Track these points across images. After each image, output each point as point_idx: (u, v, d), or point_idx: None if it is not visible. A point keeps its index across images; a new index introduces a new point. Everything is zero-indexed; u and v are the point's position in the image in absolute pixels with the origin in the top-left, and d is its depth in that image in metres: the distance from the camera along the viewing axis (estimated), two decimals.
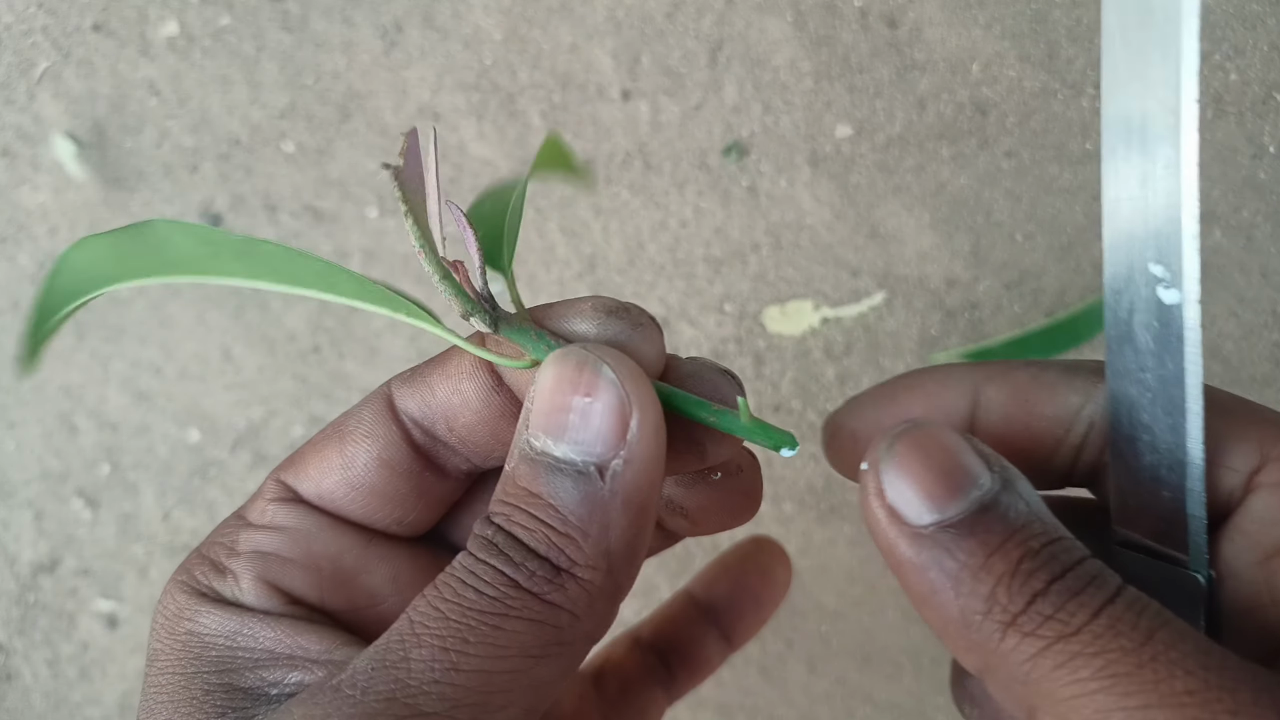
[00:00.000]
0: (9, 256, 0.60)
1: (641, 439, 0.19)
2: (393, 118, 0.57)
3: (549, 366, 0.19)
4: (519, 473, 0.19)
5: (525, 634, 0.17)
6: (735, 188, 0.55)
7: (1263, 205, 0.51)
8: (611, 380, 0.19)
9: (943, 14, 0.53)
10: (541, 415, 0.19)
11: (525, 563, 0.18)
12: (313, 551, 0.22)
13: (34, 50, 0.58)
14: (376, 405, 0.22)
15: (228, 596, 0.21)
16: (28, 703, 0.63)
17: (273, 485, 0.23)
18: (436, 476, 0.23)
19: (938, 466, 0.19)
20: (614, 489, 0.18)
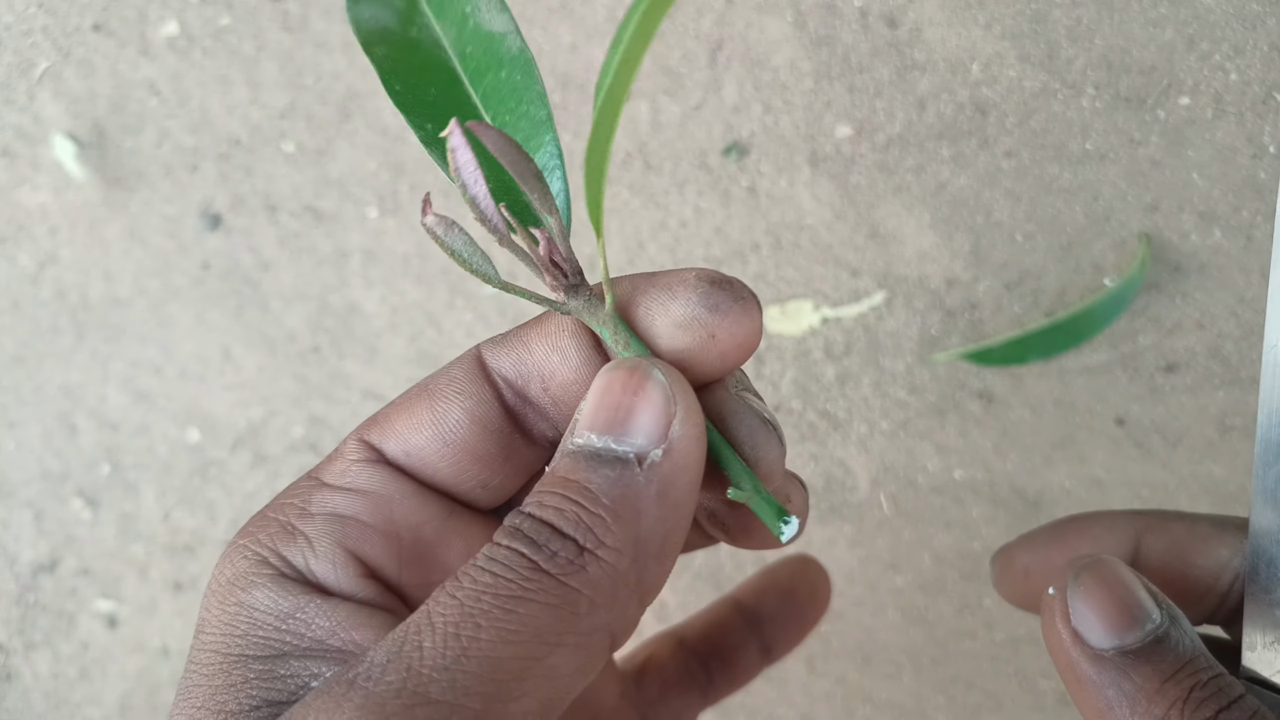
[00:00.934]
0: (9, 256, 0.60)
1: (683, 435, 0.19)
2: (393, 118, 0.57)
3: (602, 375, 0.20)
4: (559, 465, 0.19)
5: (540, 618, 0.17)
6: (735, 188, 0.55)
7: (1263, 205, 0.51)
8: (660, 381, 0.19)
9: (943, 14, 0.53)
10: (589, 416, 0.19)
11: (548, 543, 0.18)
12: (395, 519, 0.21)
13: (34, 50, 0.58)
14: (467, 364, 0.22)
15: (297, 563, 0.20)
16: (28, 703, 0.63)
17: (354, 445, 0.22)
18: (524, 440, 0.23)
19: (1118, 599, 0.22)
20: (650, 477, 0.18)
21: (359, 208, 0.57)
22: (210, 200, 0.58)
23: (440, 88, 0.21)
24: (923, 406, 0.55)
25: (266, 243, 0.58)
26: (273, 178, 0.58)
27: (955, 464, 0.55)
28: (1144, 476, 0.54)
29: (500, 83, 0.21)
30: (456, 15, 0.21)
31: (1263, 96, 0.51)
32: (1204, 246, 0.52)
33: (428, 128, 0.21)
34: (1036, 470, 0.55)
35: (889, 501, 0.55)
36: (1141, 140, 0.52)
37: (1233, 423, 0.53)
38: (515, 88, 0.21)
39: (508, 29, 0.21)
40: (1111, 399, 0.54)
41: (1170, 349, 0.53)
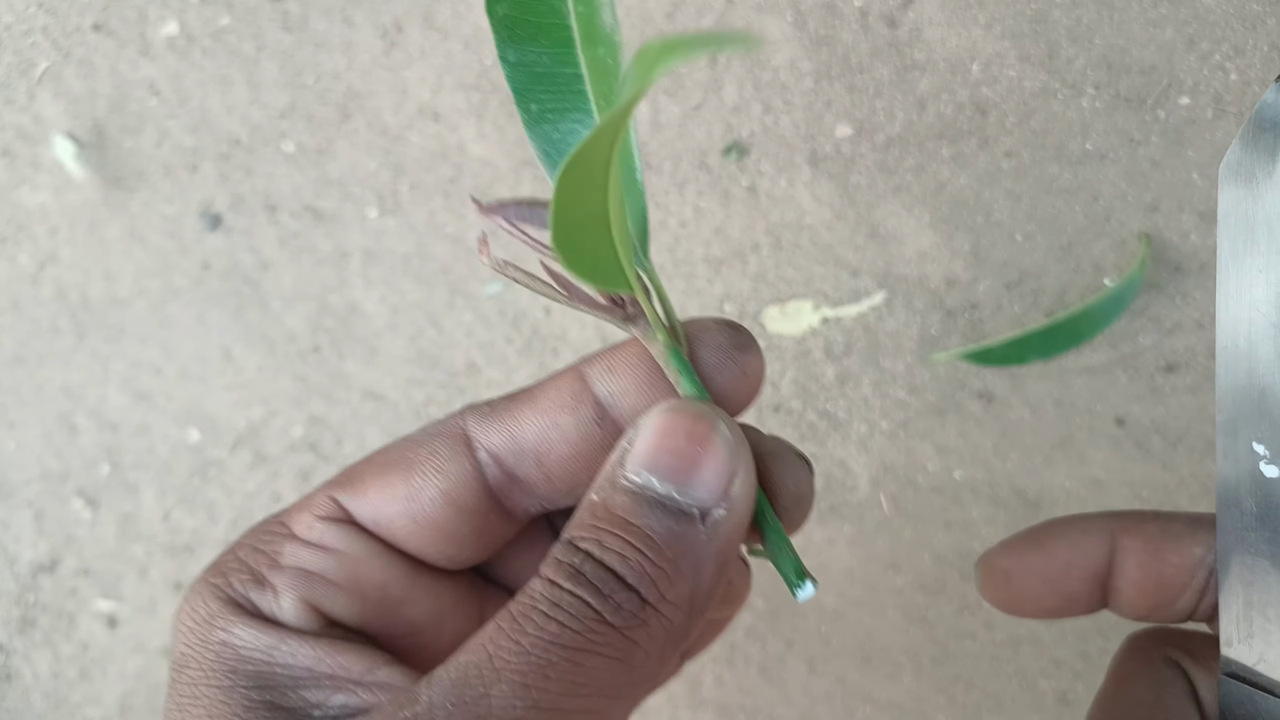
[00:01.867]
0: (9, 256, 0.60)
1: (742, 496, 0.19)
2: (393, 118, 0.57)
3: (664, 413, 0.20)
4: (616, 502, 0.19)
5: (604, 672, 0.17)
6: (735, 188, 0.55)
7: None
8: (726, 436, 0.19)
9: (943, 14, 0.53)
10: (649, 454, 0.19)
11: (614, 594, 0.18)
12: (360, 578, 0.21)
13: (34, 50, 0.58)
14: (451, 438, 0.22)
15: (265, 611, 0.21)
16: (28, 703, 0.63)
17: (325, 501, 0.22)
18: (500, 518, 0.23)
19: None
20: (711, 535, 0.19)
21: (359, 208, 0.57)
22: (210, 200, 0.58)
23: (552, 56, 0.20)
24: (923, 406, 0.55)
25: (266, 243, 0.58)
26: (273, 178, 0.58)
27: (955, 464, 0.55)
28: (1144, 476, 0.54)
29: (597, 59, 0.20)
30: None
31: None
32: (1204, 246, 0.52)
33: (533, 108, 0.20)
34: (1036, 470, 0.55)
35: (889, 501, 0.55)
36: (1141, 140, 0.52)
37: None
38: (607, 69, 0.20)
39: None
40: (1111, 399, 0.54)
41: (1170, 349, 0.53)
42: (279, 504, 0.60)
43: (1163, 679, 0.24)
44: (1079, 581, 0.25)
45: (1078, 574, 0.25)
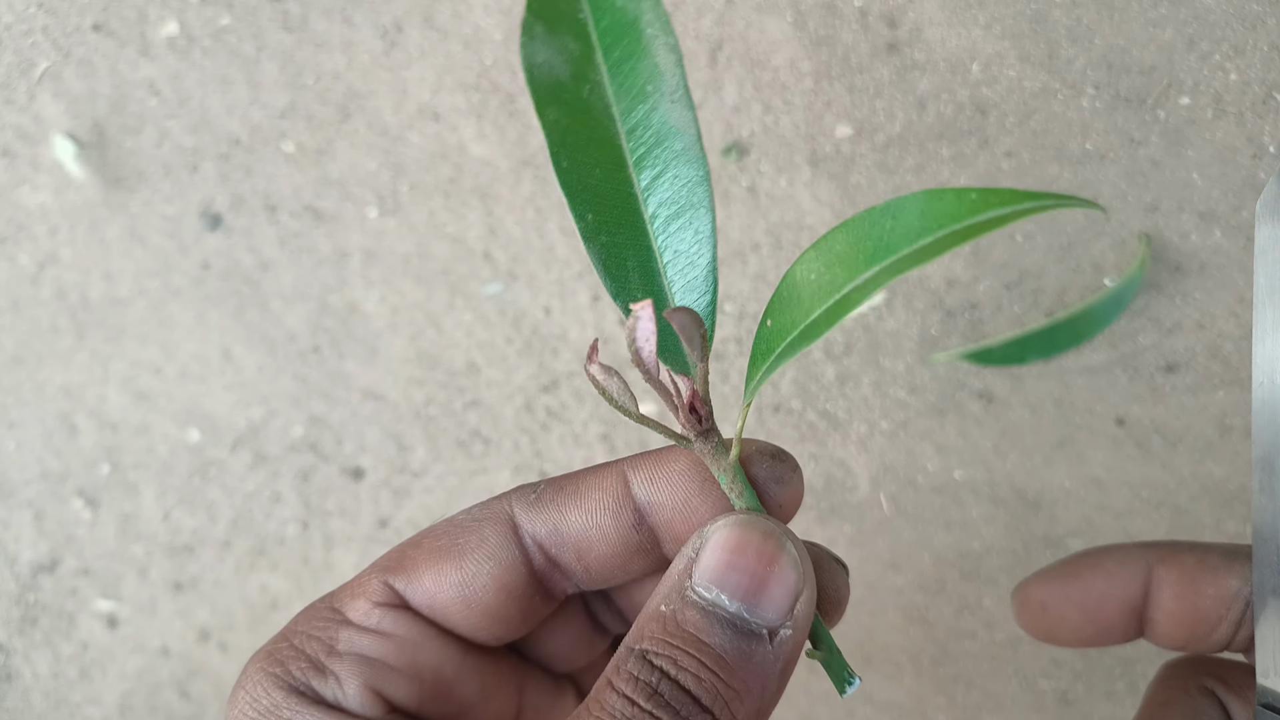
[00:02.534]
0: (9, 256, 0.60)
1: (806, 614, 0.20)
2: (393, 118, 0.57)
3: (734, 529, 0.20)
4: (687, 618, 0.19)
5: None
6: (735, 188, 0.55)
7: None
8: (793, 556, 0.20)
9: (943, 14, 0.53)
10: (719, 570, 0.19)
11: (691, 714, 0.18)
12: (418, 662, 0.22)
13: (34, 50, 0.58)
14: (499, 525, 0.22)
15: (328, 698, 0.21)
16: (28, 703, 0.63)
17: (380, 587, 0.22)
18: (543, 599, 0.23)
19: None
20: (778, 654, 0.19)
21: (359, 208, 0.57)
22: (210, 200, 0.58)
23: (605, 170, 0.20)
24: (923, 406, 0.55)
25: (266, 243, 0.58)
26: (273, 178, 0.58)
27: (955, 464, 0.55)
28: (1144, 476, 0.54)
29: (664, 181, 0.20)
30: (635, 88, 0.20)
31: (1263, 96, 0.51)
32: (1204, 246, 0.52)
33: (589, 218, 0.20)
34: (1036, 470, 0.55)
35: (889, 501, 0.55)
36: (1141, 140, 0.52)
37: (1233, 423, 0.53)
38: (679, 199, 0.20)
39: (686, 126, 0.20)
40: (1111, 399, 0.54)
41: (1170, 349, 0.53)
42: (279, 504, 0.60)
43: (1198, 708, 0.24)
44: (1115, 612, 0.25)
45: (1114, 604, 0.25)
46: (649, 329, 0.19)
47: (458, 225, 0.57)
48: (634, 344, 0.20)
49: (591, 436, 0.57)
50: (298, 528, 0.60)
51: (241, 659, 0.61)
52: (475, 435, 0.58)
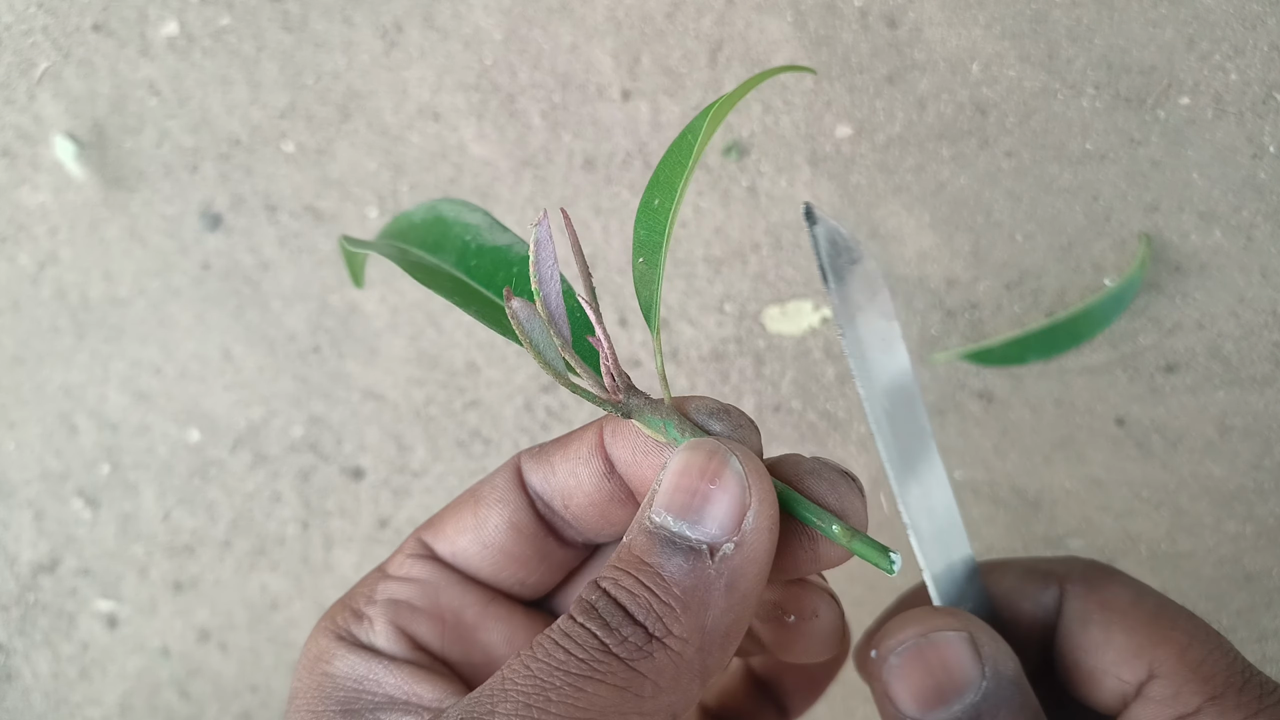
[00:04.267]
0: (9, 256, 0.60)
1: (755, 528, 0.20)
2: (393, 118, 0.57)
3: (682, 452, 0.21)
4: (635, 543, 0.20)
5: (606, 698, 0.18)
6: (735, 188, 0.55)
7: (1263, 205, 0.51)
8: (737, 470, 0.20)
9: (943, 14, 0.53)
10: (666, 494, 0.20)
11: (620, 627, 0.19)
12: (439, 603, 0.24)
13: (34, 50, 0.58)
14: (508, 474, 0.24)
15: (362, 640, 0.23)
16: (28, 703, 0.63)
17: (413, 543, 0.25)
18: (557, 543, 0.25)
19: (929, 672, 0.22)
20: (720, 570, 0.19)
21: (359, 208, 0.57)
22: (210, 200, 0.58)
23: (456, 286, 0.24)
24: None
25: (266, 243, 0.58)
26: (273, 178, 0.58)
27: (955, 464, 0.55)
28: (1144, 476, 0.54)
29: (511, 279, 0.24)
30: (455, 245, 0.25)
31: (1263, 96, 0.51)
32: (1204, 246, 0.52)
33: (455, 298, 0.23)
34: (1036, 470, 0.55)
35: (889, 501, 0.55)
36: (1141, 140, 0.52)
37: (1233, 423, 0.53)
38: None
39: (511, 241, 0.24)
40: (1111, 399, 0.54)
41: (1170, 349, 0.53)
42: (279, 504, 0.60)
43: None
44: None
45: None
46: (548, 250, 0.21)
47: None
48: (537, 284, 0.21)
49: None
50: (298, 528, 0.60)
51: (242, 658, 0.61)
52: (475, 435, 0.58)
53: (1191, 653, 0.22)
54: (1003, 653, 0.23)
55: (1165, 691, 0.22)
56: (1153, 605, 0.24)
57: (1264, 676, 0.22)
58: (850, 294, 0.22)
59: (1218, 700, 0.21)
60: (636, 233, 0.23)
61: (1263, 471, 0.53)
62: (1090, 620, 0.24)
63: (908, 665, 0.22)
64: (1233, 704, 0.21)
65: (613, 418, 0.23)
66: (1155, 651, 0.23)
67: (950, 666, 0.22)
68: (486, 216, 0.25)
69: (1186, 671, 0.22)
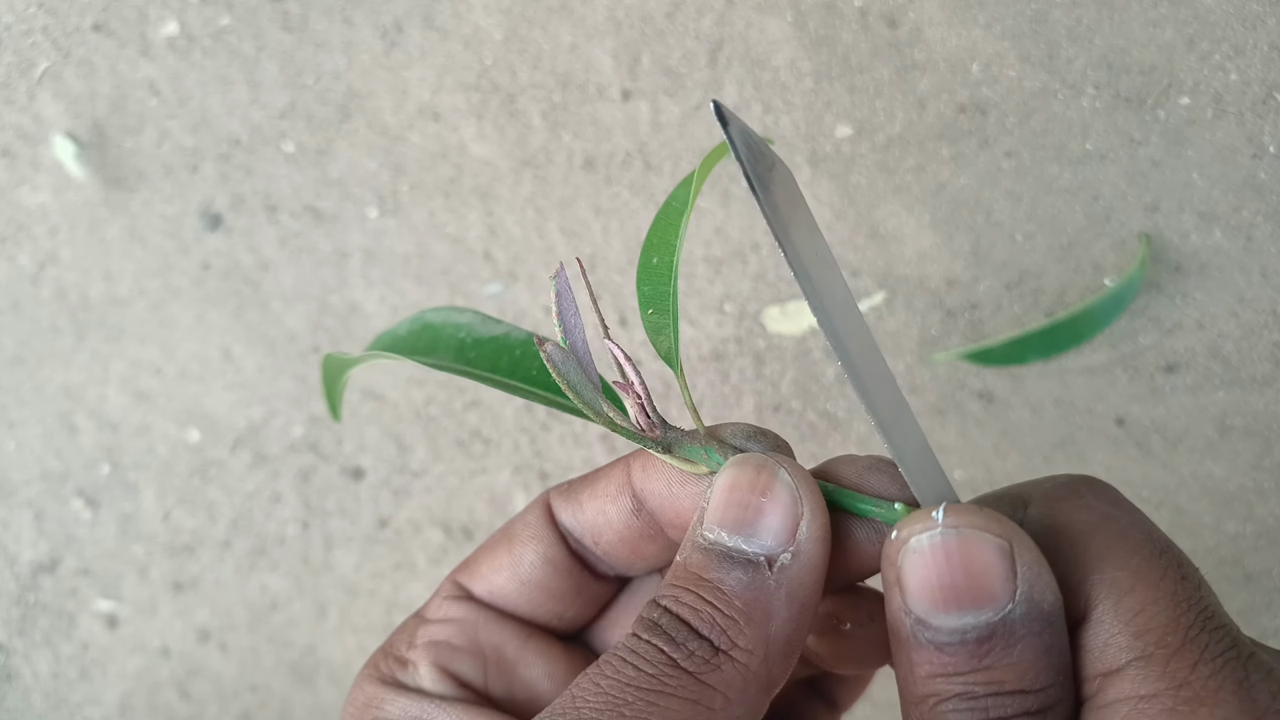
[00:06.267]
0: (9, 256, 0.60)
1: (810, 538, 0.20)
2: (393, 118, 0.57)
3: (729, 469, 0.21)
4: (691, 560, 0.20)
5: (679, 712, 0.18)
6: (735, 188, 0.55)
7: (1263, 205, 0.51)
8: (787, 482, 0.20)
9: (943, 14, 0.53)
10: (717, 511, 0.20)
11: (686, 642, 0.19)
12: (479, 640, 0.24)
13: (34, 50, 0.58)
14: (539, 512, 0.25)
15: (409, 684, 0.24)
16: (28, 703, 0.63)
17: (449, 585, 0.25)
18: (591, 577, 0.25)
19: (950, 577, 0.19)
20: (780, 580, 0.20)
21: (359, 208, 0.57)
22: (210, 200, 0.58)
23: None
24: (923, 406, 0.55)
25: (266, 243, 0.58)
26: (273, 178, 0.58)
27: (955, 464, 0.55)
28: (1144, 476, 0.54)
29: (515, 360, 0.25)
30: (450, 345, 0.26)
31: (1263, 96, 0.51)
32: (1204, 246, 0.52)
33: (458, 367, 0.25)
34: (1036, 470, 0.55)
35: None
36: (1141, 140, 0.52)
37: (1233, 423, 0.53)
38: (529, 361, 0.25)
39: (507, 329, 0.25)
40: (1111, 399, 0.54)
41: (1170, 349, 0.53)
42: (279, 504, 0.60)
43: None
44: None
45: None
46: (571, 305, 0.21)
47: (458, 225, 0.57)
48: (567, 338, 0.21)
49: (591, 436, 0.57)
50: (298, 528, 0.60)
51: (242, 659, 0.61)
52: (475, 435, 0.58)
53: (1130, 599, 0.19)
54: (1043, 582, 0.19)
55: (1094, 641, 0.19)
56: (1111, 534, 0.20)
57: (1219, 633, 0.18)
58: (777, 203, 0.20)
59: (1143, 661, 0.18)
60: (640, 289, 0.23)
61: (1262, 472, 0.53)
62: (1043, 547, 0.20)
63: (929, 555, 0.19)
64: (1158, 671, 0.18)
65: (641, 454, 0.23)
66: (1092, 592, 0.19)
67: (975, 572, 0.19)
68: (476, 314, 0.26)
69: (1118, 622, 0.19)
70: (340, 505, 0.59)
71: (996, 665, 0.18)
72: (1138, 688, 0.18)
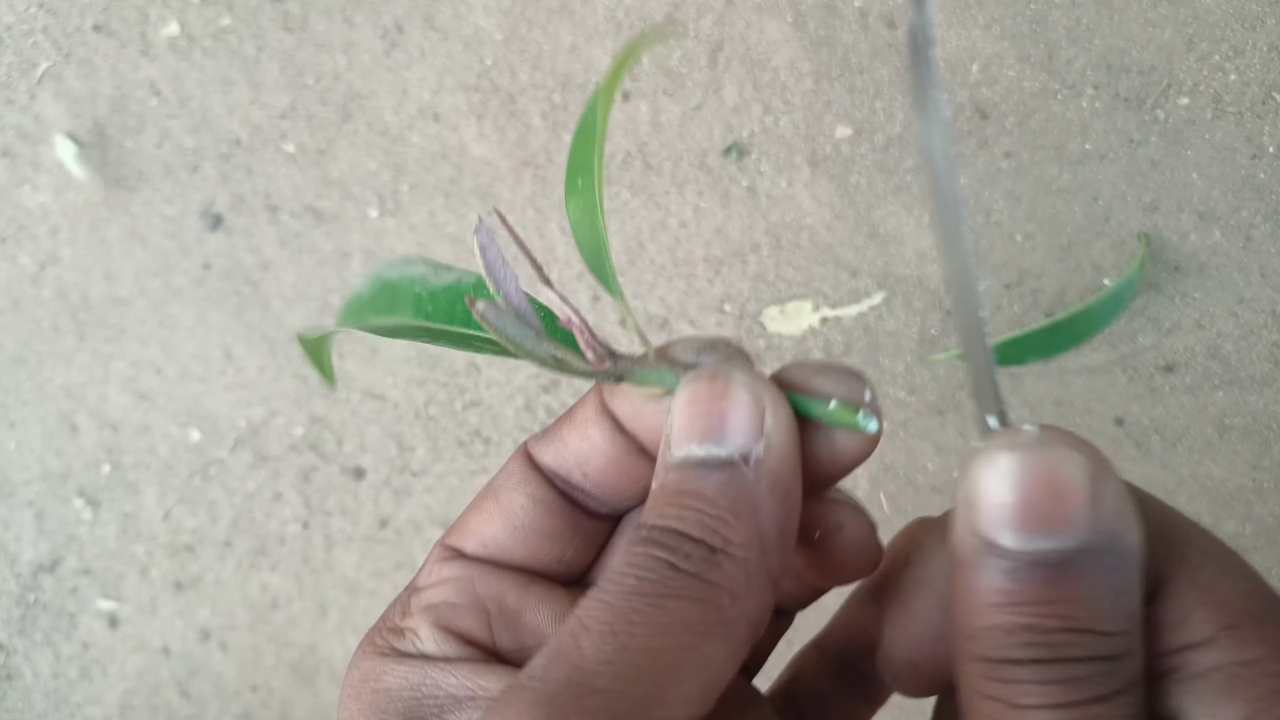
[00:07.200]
0: (9, 256, 0.60)
1: (777, 427, 0.20)
2: (393, 118, 0.57)
3: (684, 387, 0.21)
4: (668, 481, 0.20)
5: (689, 611, 0.18)
6: (735, 188, 0.55)
7: (1262, 205, 0.51)
8: (744, 382, 0.20)
9: (942, 14, 0.53)
10: (682, 428, 0.20)
11: (681, 546, 0.19)
12: (478, 594, 0.24)
13: (35, 50, 0.58)
14: (520, 461, 0.24)
15: (409, 651, 0.23)
16: (28, 702, 0.63)
17: (439, 550, 0.25)
18: (584, 515, 0.25)
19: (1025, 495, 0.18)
20: (759, 473, 0.20)
21: (359, 208, 0.57)
22: (211, 200, 0.58)
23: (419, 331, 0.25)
24: (922, 406, 0.55)
25: (267, 243, 0.58)
26: (273, 178, 0.58)
27: (955, 464, 0.55)
28: (1143, 476, 0.54)
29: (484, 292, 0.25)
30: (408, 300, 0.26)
31: (1262, 96, 0.51)
32: (1203, 246, 0.52)
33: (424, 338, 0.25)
34: None
35: (889, 501, 0.55)
36: (1141, 140, 0.52)
37: (1232, 423, 0.53)
38: None
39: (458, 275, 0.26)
40: (1111, 399, 0.54)
41: (1169, 349, 0.53)
42: (280, 504, 0.60)
43: None
44: None
45: None
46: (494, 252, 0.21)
47: (458, 225, 0.57)
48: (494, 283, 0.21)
49: None
50: (298, 527, 0.60)
51: (242, 658, 0.61)
52: (475, 435, 0.58)
53: (1204, 573, 0.18)
54: (1128, 517, 0.18)
55: (1170, 615, 0.18)
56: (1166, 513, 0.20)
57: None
58: None
59: (1234, 630, 0.18)
60: (570, 214, 0.23)
61: (1261, 471, 0.53)
62: None
63: (1009, 472, 0.18)
64: (1253, 636, 0.18)
65: (607, 386, 0.23)
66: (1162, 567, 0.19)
67: (1059, 492, 0.17)
68: (427, 264, 0.26)
69: (1198, 594, 0.18)
70: (341, 505, 0.59)
71: (1071, 598, 0.17)
72: (1233, 655, 0.18)
